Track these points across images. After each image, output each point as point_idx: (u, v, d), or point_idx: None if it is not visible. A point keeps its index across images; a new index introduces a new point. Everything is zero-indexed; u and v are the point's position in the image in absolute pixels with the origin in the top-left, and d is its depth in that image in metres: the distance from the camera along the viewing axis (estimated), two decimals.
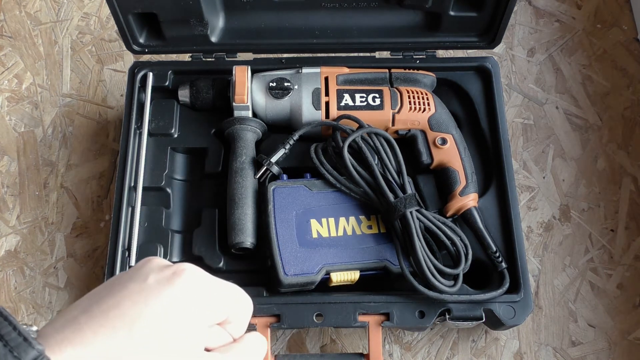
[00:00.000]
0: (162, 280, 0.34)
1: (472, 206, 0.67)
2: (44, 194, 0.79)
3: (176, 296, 0.34)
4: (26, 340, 0.28)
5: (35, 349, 0.28)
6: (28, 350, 0.28)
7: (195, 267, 0.36)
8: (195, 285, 0.35)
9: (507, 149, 0.70)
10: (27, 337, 0.28)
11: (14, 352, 0.27)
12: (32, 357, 0.28)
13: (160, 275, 0.35)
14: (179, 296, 0.34)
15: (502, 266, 0.65)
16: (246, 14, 0.72)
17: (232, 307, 0.38)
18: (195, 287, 0.35)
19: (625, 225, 0.75)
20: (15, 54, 0.88)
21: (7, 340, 0.27)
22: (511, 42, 0.87)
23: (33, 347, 0.28)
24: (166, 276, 0.34)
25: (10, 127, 0.83)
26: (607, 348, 0.69)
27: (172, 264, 0.37)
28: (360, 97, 0.69)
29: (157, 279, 0.34)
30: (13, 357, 0.27)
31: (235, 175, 0.67)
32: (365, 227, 0.65)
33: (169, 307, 0.33)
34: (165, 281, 0.34)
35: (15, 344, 0.28)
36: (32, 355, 0.28)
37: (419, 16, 0.73)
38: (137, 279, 0.34)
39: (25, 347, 0.28)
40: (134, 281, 0.34)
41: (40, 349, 0.28)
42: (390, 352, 0.69)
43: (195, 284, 0.35)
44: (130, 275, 0.35)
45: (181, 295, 0.34)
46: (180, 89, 0.72)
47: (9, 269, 0.74)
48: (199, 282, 0.35)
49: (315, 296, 0.63)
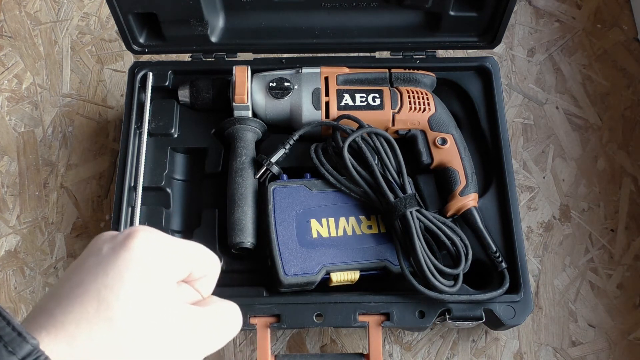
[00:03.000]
0: (115, 246, 0.34)
1: (472, 206, 0.67)
2: (44, 194, 0.79)
3: (132, 257, 0.33)
4: (20, 335, 0.28)
5: (29, 344, 0.28)
6: (22, 344, 0.28)
7: (147, 227, 0.35)
8: (150, 243, 0.34)
9: (507, 149, 0.70)
10: (21, 332, 0.28)
11: (8, 347, 0.27)
12: (26, 352, 0.28)
13: (113, 243, 0.34)
14: (135, 257, 0.33)
15: (502, 266, 0.65)
16: (246, 14, 0.72)
17: (194, 262, 0.37)
18: (150, 245, 0.34)
19: (625, 225, 0.75)
20: (15, 54, 0.88)
21: (2, 335, 0.27)
22: (511, 42, 0.87)
23: (27, 341, 0.28)
24: (119, 241, 0.34)
25: (10, 127, 0.83)
26: (607, 348, 0.69)
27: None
28: (360, 97, 0.69)
29: (111, 246, 0.34)
30: (7, 352, 0.27)
31: (235, 175, 0.67)
32: (365, 227, 0.65)
33: (128, 269, 0.33)
34: (119, 247, 0.34)
35: (10, 338, 0.27)
36: (27, 349, 0.28)
37: (419, 16, 0.73)
38: (92, 253, 0.34)
39: (20, 342, 0.28)
40: (90, 256, 0.34)
41: (35, 343, 0.28)
42: (390, 352, 0.69)
43: (149, 242, 0.34)
44: (86, 252, 0.35)
45: (138, 256, 0.33)
46: (180, 89, 0.72)
47: (9, 269, 0.74)
48: (153, 240, 0.35)
49: (315, 296, 0.63)
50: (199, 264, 0.37)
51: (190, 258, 0.37)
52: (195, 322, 0.35)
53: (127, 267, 0.33)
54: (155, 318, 0.33)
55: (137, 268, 0.33)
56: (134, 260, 0.33)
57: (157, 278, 0.34)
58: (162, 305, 0.34)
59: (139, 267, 0.33)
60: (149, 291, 0.33)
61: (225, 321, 0.38)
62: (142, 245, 0.34)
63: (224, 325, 0.38)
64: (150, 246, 0.34)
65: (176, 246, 0.36)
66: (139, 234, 0.34)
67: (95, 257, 0.34)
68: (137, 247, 0.34)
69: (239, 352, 0.70)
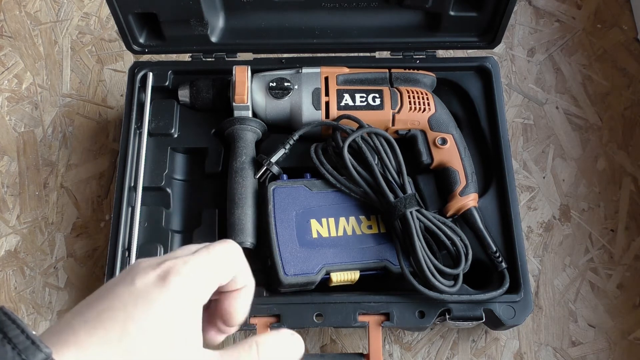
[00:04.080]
0: (149, 284, 0.33)
1: (472, 206, 0.67)
2: (44, 194, 0.79)
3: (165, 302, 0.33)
4: (34, 343, 0.28)
5: (43, 352, 0.28)
6: (36, 353, 0.28)
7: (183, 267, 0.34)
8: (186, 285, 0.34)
9: (507, 149, 0.70)
10: (35, 341, 0.28)
11: (22, 355, 0.27)
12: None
13: (147, 279, 0.34)
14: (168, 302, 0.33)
15: (502, 266, 0.65)
16: (246, 14, 0.72)
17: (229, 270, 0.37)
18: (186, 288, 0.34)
19: (625, 225, 0.75)
20: (15, 54, 0.88)
21: (16, 343, 0.28)
22: (511, 42, 0.87)
23: (41, 350, 0.28)
24: (152, 280, 0.34)
25: (10, 127, 0.83)
26: (607, 348, 0.69)
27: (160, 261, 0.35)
28: (360, 97, 0.69)
29: (145, 282, 0.34)
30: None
31: (235, 175, 0.67)
32: (365, 227, 0.65)
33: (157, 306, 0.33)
34: (152, 285, 0.33)
35: (24, 347, 0.28)
36: (40, 358, 0.28)
37: (419, 16, 0.73)
38: (124, 282, 0.34)
39: (34, 350, 0.28)
40: (122, 284, 0.34)
41: (48, 352, 0.28)
42: (390, 352, 0.69)
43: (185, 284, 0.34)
44: (118, 279, 0.35)
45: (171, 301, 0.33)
46: (180, 89, 0.72)
47: (9, 269, 0.74)
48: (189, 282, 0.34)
49: (315, 296, 0.63)
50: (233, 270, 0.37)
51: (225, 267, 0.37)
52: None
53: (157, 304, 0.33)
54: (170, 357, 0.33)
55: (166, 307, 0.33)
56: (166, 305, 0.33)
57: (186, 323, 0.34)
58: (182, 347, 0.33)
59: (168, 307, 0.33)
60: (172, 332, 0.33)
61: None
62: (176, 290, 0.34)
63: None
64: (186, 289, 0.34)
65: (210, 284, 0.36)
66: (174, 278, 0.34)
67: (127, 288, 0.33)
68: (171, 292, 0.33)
69: None
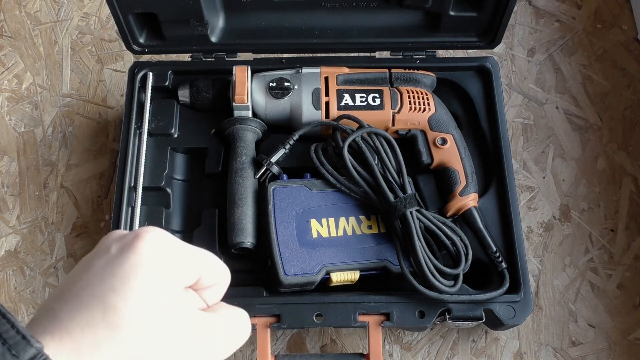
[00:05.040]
0: (124, 247, 0.33)
1: (472, 206, 0.67)
2: (44, 194, 0.79)
3: (141, 260, 0.32)
4: (25, 338, 0.28)
5: (33, 347, 0.28)
6: (27, 348, 0.27)
7: (157, 228, 0.35)
8: (159, 245, 0.33)
9: (507, 149, 0.70)
10: (25, 335, 0.28)
11: (12, 350, 0.27)
12: (30, 356, 0.27)
13: (122, 243, 0.33)
14: (144, 260, 0.32)
15: (502, 266, 0.65)
16: (246, 14, 0.72)
17: (204, 269, 0.36)
18: (159, 248, 0.33)
19: (625, 225, 0.75)
20: (15, 54, 0.88)
21: (6, 338, 0.27)
22: (511, 42, 0.87)
23: (32, 345, 0.28)
24: (127, 242, 0.33)
25: (10, 127, 0.83)
26: (607, 348, 0.69)
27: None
28: (360, 97, 0.69)
29: (119, 247, 0.33)
30: (11, 356, 0.27)
31: (235, 175, 0.67)
32: (365, 227, 0.65)
33: (136, 272, 0.32)
34: (128, 248, 0.33)
35: (14, 342, 0.27)
36: (31, 353, 0.27)
37: (419, 16, 0.73)
38: (100, 254, 0.33)
39: (24, 346, 0.27)
40: (98, 256, 0.33)
41: (39, 347, 0.28)
42: (390, 352, 0.69)
43: (158, 244, 0.33)
44: (94, 252, 0.34)
45: (146, 258, 0.33)
46: (180, 89, 0.72)
47: (9, 269, 0.74)
48: (162, 242, 0.34)
49: (315, 296, 0.63)
50: (208, 271, 0.36)
51: (200, 264, 0.36)
52: (203, 329, 0.35)
53: (135, 270, 0.32)
54: (162, 324, 0.32)
55: (145, 271, 0.32)
56: (143, 263, 0.32)
57: (166, 282, 0.33)
58: (170, 310, 0.33)
59: (147, 271, 0.32)
60: (157, 296, 0.32)
61: (234, 328, 0.37)
62: (151, 247, 0.33)
63: (233, 332, 0.37)
64: (160, 248, 0.33)
65: (186, 251, 0.35)
66: (148, 235, 0.33)
67: (103, 258, 0.33)
68: (146, 249, 0.33)
69: (239, 352, 0.69)
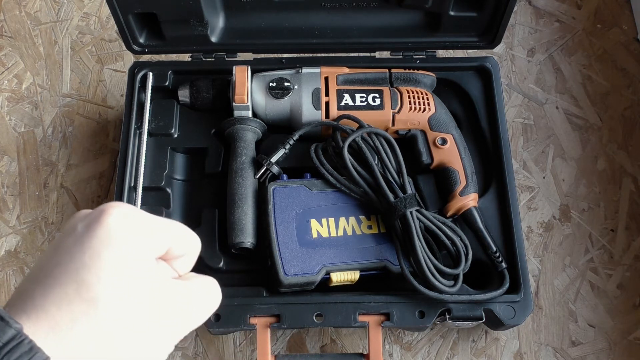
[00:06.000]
0: (90, 224, 0.33)
1: (472, 206, 0.67)
2: (44, 194, 0.79)
3: (108, 234, 0.33)
4: (3, 319, 0.28)
5: (12, 328, 0.28)
6: (5, 329, 0.27)
7: (121, 203, 0.35)
8: (125, 218, 0.34)
9: (507, 149, 0.70)
10: (3, 317, 0.28)
11: None
12: (9, 337, 0.27)
13: (88, 220, 0.34)
14: (111, 233, 0.33)
15: (502, 266, 0.65)
16: (246, 14, 0.72)
17: (173, 239, 0.36)
18: (125, 221, 0.34)
19: (625, 225, 0.75)
20: (15, 54, 0.88)
21: None
22: (511, 42, 0.87)
23: (10, 326, 0.28)
24: (93, 218, 0.33)
25: (10, 127, 0.83)
26: (607, 348, 0.69)
27: None
28: (360, 97, 0.69)
29: (85, 224, 0.33)
30: None
31: (235, 175, 0.67)
32: (365, 227, 0.65)
33: (104, 247, 0.32)
34: (94, 223, 0.33)
35: None
36: (10, 334, 0.27)
37: (419, 16, 0.73)
38: (68, 233, 0.34)
39: (3, 327, 0.27)
40: (66, 236, 0.34)
41: (18, 327, 0.28)
42: (390, 352, 0.69)
43: (124, 217, 0.34)
44: (62, 234, 0.34)
45: (113, 232, 0.33)
46: (180, 89, 0.72)
47: (9, 269, 0.74)
48: (127, 215, 0.34)
49: (315, 296, 0.63)
50: (177, 241, 0.37)
51: (168, 234, 0.36)
52: (177, 298, 0.35)
53: (104, 244, 0.32)
54: (136, 294, 0.32)
55: (114, 244, 0.32)
56: (110, 237, 0.33)
57: (135, 253, 0.33)
58: (142, 280, 0.33)
59: (115, 244, 0.33)
60: (128, 267, 0.32)
61: (206, 295, 0.38)
62: (117, 221, 0.33)
63: (205, 299, 0.38)
64: (126, 221, 0.34)
65: (153, 222, 0.36)
66: (112, 210, 0.34)
67: (71, 237, 0.33)
68: (112, 223, 0.33)
69: (239, 352, 0.69)
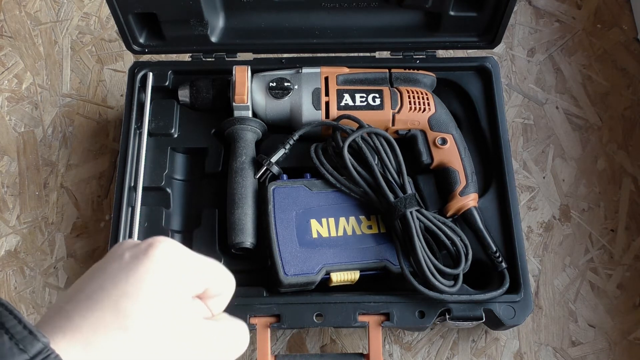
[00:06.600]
0: (138, 254, 0.34)
1: (472, 206, 0.67)
2: (44, 194, 0.79)
3: (153, 267, 0.34)
4: (31, 333, 0.28)
5: (40, 342, 0.28)
6: (34, 342, 0.28)
7: (168, 239, 0.36)
8: (171, 254, 0.35)
9: (507, 149, 0.70)
10: (32, 330, 0.28)
11: (19, 344, 0.28)
12: (37, 350, 0.28)
13: (135, 251, 0.35)
14: (156, 267, 0.34)
15: (502, 266, 0.65)
16: (246, 14, 0.72)
17: (211, 279, 0.37)
18: (170, 257, 0.35)
19: (625, 225, 0.75)
20: (15, 54, 0.88)
21: (13, 333, 0.28)
22: (511, 42, 0.87)
23: (38, 339, 0.28)
24: (141, 250, 0.35)
25: (10, 127, 0.83)
26: (607, 348, 0.69)
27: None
28: (360, 97, 0.69)
29: (133, 254, 0.34)
30: (19, 350, 0.27)
31: (235, 175, 0.67)
32: (365, 227, 0.65)
33: (147, 278, 0.33)
34: (142, 255, 0.34)
35: (21, 337, 0.28)
36: (38, 347, 0.28)
37: (419, 16, 0.73)
38: (114, 259, 0.35)
39: (31, 340, 0.28)
40: (111, 262, 0.34)
41: (46, 341, 0.28)
42: (390, 352, 0.69)
43: (170, 253, 0.35)
44: (106, 258, 0.35)
45: (158, 266, 0.34)
46: (180, 89, 0.72)
47: (9, 269, 0.74)
48: (174, 252, 0.35)
49: (315, 296, 0.63)
50: (215, 281, 0.38)
51: (208, 275, 0.37)
52: (208, 337, 0.36)
53: (147, 276, 0.33)
54: (170, 329, 0.33)
55: (157, 278, 0.34)
56: (155, 270, 0.34)
57: (175, 290, 0.34)
58: (178, 317, 0.34)
59: (158, 277, 0.34)
60: (167, 302, 0.33)
61: (235, 338, 0.38)
62: (163, 255, 0.34)
63: (233, 343, 0.38)
64: (171, 257, 0.35)
65: (196, 261, 0.37)
66: (161, 245, 0.35)
67: (117, 263, 0.34)
68: (158, 257, 0.34)
69: None
